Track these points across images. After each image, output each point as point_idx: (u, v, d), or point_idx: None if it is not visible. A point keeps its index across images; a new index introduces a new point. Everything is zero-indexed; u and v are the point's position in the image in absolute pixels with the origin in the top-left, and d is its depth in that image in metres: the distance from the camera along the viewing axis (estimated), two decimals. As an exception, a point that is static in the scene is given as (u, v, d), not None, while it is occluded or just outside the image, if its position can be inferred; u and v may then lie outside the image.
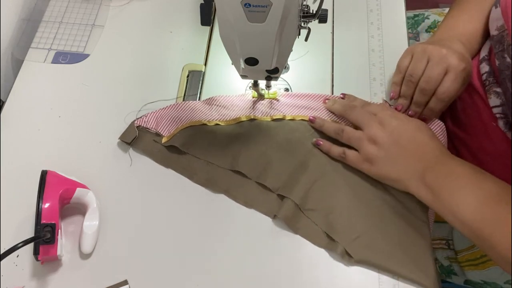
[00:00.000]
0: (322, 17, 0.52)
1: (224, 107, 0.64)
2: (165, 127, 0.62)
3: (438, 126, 0.61)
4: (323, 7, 0.51)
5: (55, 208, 0.51)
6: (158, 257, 0.55)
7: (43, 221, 0.50)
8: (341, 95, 0.64)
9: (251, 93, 0.65)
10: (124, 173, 0.60)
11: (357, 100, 0.63)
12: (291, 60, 0.69)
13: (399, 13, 0.74)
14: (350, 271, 0.54)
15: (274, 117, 0.63)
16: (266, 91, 0.65)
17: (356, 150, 0.58)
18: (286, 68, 0.69)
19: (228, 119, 0.63)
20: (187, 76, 0.68)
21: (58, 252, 0.51)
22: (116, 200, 0.58)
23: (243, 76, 0.58)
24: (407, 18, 0.75)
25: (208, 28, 0.73)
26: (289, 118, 0.63)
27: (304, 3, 0.51)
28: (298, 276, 0.54)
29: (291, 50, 0.52)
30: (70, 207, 0.56)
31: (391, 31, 0.72)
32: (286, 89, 0.67)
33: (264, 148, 0.60)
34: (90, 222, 0.55)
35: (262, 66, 0.52)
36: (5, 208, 0.57)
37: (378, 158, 0.55)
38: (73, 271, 0.54)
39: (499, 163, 0.60)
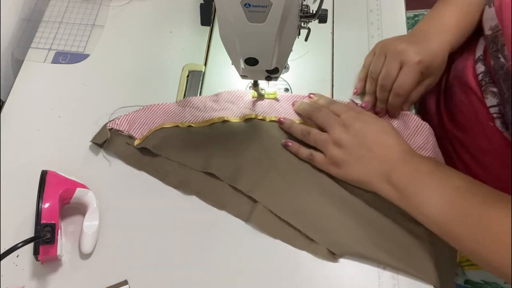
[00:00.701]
0: (322, 17, 0.52)
1: (197, 109, 0.64)
2: (138, 129, 0.62)
3: (414, 121, 0.61)
4: (323, 7, 0.51)
5: (55, 208, 0.51)
6: (158, 257, 0.55)
7: (43, 221, 0.50)
8: (309, 95, 0.64)
9: (251, 93, 0.65)
10: (124, 173, 0.60)
11: (322, 99, 0.63)
12: (291, 60, 0.69)
13: (399, 13, 0.74)
14: (350, 271, 0.54)
15: (246, 117, 0.63)
16: (266, 91, 0.65)
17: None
18: (286, 68, 0.69)
19: (200, 120, 0.63)
20: (187, 76, 0.68)
21: (58, 252, 0.51)
22: (116, 200, 0.58)
23: (243, 76, 0.58)
24: (407, 18, 0.75)
25: (208, 28, 0.73)
26: (260, 118, 0.63)
27: (304, 3, 0.51)
28: (297, 276, 0.54)
29: (291, 50, 0.52)
30: (70, 207, 0.56)
31: (391, 31, 0.72)
32: (286, 89, 0.67)
33: (236, 150, 0.60)
34: (90, 222, 0.55)
35: (262, 66, 0.52)
36: (5, 208, 0.57)
37: (344, 161, 0.56)
38: (73, 271, 0.54)
39: (498, 162, 0.60)
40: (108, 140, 0.61)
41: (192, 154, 0.60)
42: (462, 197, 0.49)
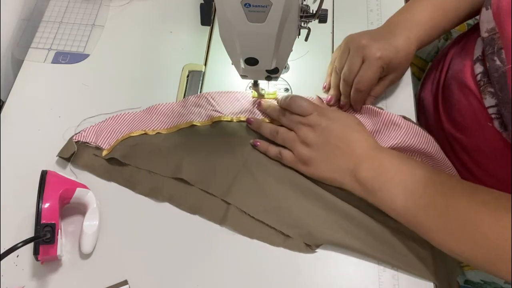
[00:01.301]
0: (322, 17, 0.52)
1: (164, 115, 0.63)
2: (105, 140, 0.61)
3: (385, 116, 0.60)
4: (323, 7, 0.51)
5: (55, 208, 0.51)
6: (158, 257, 0.55)
7: (43, 221, 0.50)
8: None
9: (251, 93, 0.65)
10: (124, 173, 0.60)
11: (288, 98, 0.62)
12: (291, 60, 0.69)
13: (399, 13, 0.74)
14: (350, 271, 0.54)
15: (214, 120, 0.62)
16: (266, 91, 0.65)
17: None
18: (286, 68, 0.69)
19: (168, 126, 0.62)
20: (187, 76, 0.68)
21: (58, 252, 0.51)
22: (116, 200, 0.58)
23: (243, 76, 0.58)
24: (407, 18, 0.75)
25: (208, 28, 0.73)
26: (228, 119, 0.63)
27: (304, 3, 0.51)
28: (297, 276, 0.54)
29: (291, 50, 0.52)
30: (70, 207, 0.56)
31: (391, 31, 0.72)
32: (286, 89, 0.67)
33: (206, 154, 0.60)
34: (90, 222, 0.55)
35: (262, 66, 0.52)
36: (5, 208, 0.57)
37: (312, 159, 0.56)
38: (73, 271, 0.54)
39: (496, 163, 0.60)
40: (75, 153, 0.60)
41: (161, 161, 0.60)
42: (425, 188, 0.50)
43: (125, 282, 0.53)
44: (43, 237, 0.49)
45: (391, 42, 0.60)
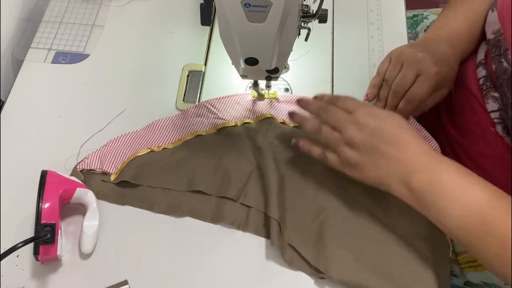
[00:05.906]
0: (322, 17, 0.52)
1: (166, 130, 0.63)
2: (111, 164, 0.59)
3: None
4: (323, 7, 0.51)
5: (55, 208, 0.51)
6: (158, 257, 0.55)
7: (43, 221, 0.50)
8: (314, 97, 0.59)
9: (251, 93, 0.65)
10: (124, 173, 0.60)
11: (328, 96, 0.59)
12: (291, 60, 0.69)
13: (399, 13, 0.74)
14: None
15: (218, 127, 0.62)
16: (266, 91, 0.65)
17: None
18: (286, 68, 0.69)
19: (173, 140, 0.62)
20: (187, 76, 0.68)
21: (58, 252, 0.51)
22: (116, 200, 0.58)
23: (243, 76, 0.58)
24: (407, 18, 0.75)
25: (208, 28, 0.73)
26: (232, 125, 0.62)
27: (304, 3, 0.51)
28: (298, 278, 0.54)
29: (291, 50, 0.52)
30: (70, 207, 0.56)
31: (391, 31, 0.72)
32: (286, 89, 0.67)
33: (217, 161, 0.60)
34: (90, 222, 0.55)
35: (262, 66, 0.52)
36: (5, 208, 0.57)
37: (359, 163, 0.51)
38: (73, 271, 0.54)
39: (498, 167, 0.60)
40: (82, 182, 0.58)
41: (173, 176, 0.59)
42: (484, 212, 0.46)
43: (125, 282, 0.53)
44: (43, 237, 0.49)
45: (445, 58, 0.59)
